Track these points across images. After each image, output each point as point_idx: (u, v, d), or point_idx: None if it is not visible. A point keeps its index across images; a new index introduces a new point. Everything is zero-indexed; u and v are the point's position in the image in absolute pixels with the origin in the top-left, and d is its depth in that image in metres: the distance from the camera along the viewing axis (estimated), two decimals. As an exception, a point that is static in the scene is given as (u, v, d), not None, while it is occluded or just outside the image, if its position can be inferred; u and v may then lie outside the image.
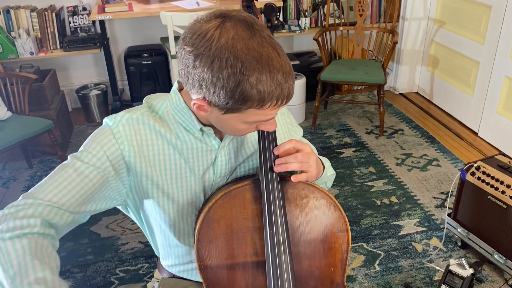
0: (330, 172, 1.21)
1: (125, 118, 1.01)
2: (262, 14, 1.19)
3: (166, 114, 1.04)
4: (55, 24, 3.54)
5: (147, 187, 1.06)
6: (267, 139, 1.01)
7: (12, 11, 3.46)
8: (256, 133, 1.11)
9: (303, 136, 1.30)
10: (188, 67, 0.87)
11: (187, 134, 1.04)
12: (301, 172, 1.02)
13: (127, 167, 1.02)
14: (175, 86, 1.05)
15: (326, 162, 1.22)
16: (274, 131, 1.03)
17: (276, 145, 1.01)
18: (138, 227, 2.55)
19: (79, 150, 1.00)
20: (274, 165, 0.99)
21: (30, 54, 3.46)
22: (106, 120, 1.04)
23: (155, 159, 1.03)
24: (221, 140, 1.07)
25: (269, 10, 1.17)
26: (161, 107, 1.05)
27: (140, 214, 1.16)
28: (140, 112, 1.03)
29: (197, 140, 1.05)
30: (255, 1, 1.18)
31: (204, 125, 1.04)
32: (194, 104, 0.92)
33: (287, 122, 1.20)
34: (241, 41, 0.83)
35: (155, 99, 1.07)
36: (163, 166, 1.04)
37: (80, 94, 3.74)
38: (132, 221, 2.61)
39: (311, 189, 1.02)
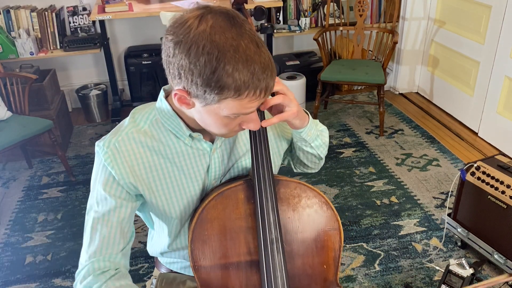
0: (320, 127, 1.20)
1: (112, 144, 1.02)
2: (252, 17, 1.19)
3: (155, 123, 1.04)
4: (55, 24, 3.54)
5: (146, 204, 1.11)
6: (259, 140, 1.01)
7: (12, 11, 3.46)
8: (247, 132, 1.10)
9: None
10: (169, 56, 0.88)
11: (177, 141, 1.04)
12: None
13: (127, 190, 1.04)
14: (161, 94, 1.04)
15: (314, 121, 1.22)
16: (266, 134, 1.02)
17: (268, 146, 1.01)
18: (138, 227, 2.55)
19: (90, 194, 1.06)
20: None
21: (30, 54, 3.46)
22: (96, 147, 1.04)
23: (149, 176, 1.04)
24: (212, 143, 1.07)
25: (259, 12, 1.18)
26: (148, 116, 1.05)
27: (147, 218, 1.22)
28: (125, 132, 1.03)
29: (188, 146, 1.05)
30: (245, 4, 1.19)
31: (194, 130, 1.03)
32: (175, 95, 0.92)
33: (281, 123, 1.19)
34: (219, 30, 0.84)
35: (140, 112, 1.07)
36: (158, 182, 1.05)
37: (80, 94, 3.74)
38: (132, 221, 2.61)
39: (303, 188, 1.03)
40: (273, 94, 1.00)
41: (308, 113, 1.13)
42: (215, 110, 0.90)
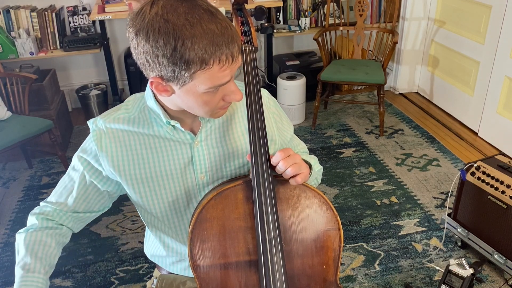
0: (317, 168, 1.22)
1: (99, 123, 1.07)
2: (253, 17, 1.19)
3: (143, 110, 1.07)
4: (55, 24, 3.54)
5: (131, 194, 1.13)
6: (258, 140, 1.01)
7: (12, 11, 3.46)
8: (239, 127, 1.12)
9: (304, 135, 1.30)
10: (135, 49, 0.90)
11: (159, 130, 1.06)
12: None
13: (101, 169, 1.08)
14: (149, 84, 1.07)
15: (312, 159, 1.22)
16: (265, 133, 1.02)
17: (267, 145, 1.02)
18: (138, 227, 2.55)
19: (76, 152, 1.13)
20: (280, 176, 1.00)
21: (30, 54, 3.46)
22: (88, 123, 1.10)
23: (130, 163, 1.07)
24: (194, 134, 1.08)
25: (260, 12, 1.18)
26: (139, 104, 1.09)
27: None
28: (113, 117, 1.07)
29: (170, 135, 1.07)
30: (245, 4, 1.19)
31: (172, 119, 1.05)
32: (152, 84, 0.94)
33: (277, 121, 1.19)
34: (170, 8, 0.85)
35: (134, 98, 1.11)
36: (138, 169, 1.07)
37: (80, 94, 3.75)
38: (132, 221, 2.61)
39: (302, 188, 1.02)
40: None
41: (309, 159, 1.15)
42: (192, 89, 0.91)
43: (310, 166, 1.09)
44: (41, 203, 1.13)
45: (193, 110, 0.98)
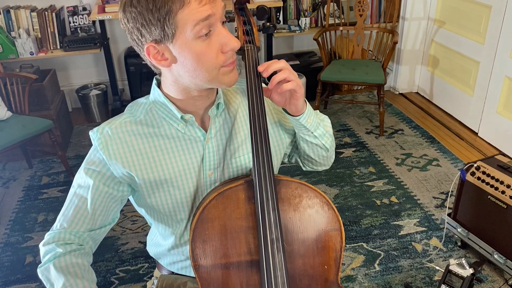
0: (321, 116, 1.19)
1: (104, 130, 1.06)
2: (255, 16, 1.19)
3: (149, 112, 1.07)
4: (55, 24, 3.54)
5: (139, 195, 1.12)
6: (260, 139, 1.01)
7: (12, 11, 3.46)
8: (245, 122, 1.12)
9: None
10: (127, 27, 0.93)
11: (170, 127, 1.06)
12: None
13: (115, 176, 1.07)
14: (154, 82, 1.08)
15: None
16: (267, 132, 1.02)
17: (269, 145, 1.02)
18: (138, 227, 2.55)
19: (79, 169, 1.10)
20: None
21: (30, 54, 3.46)
22: (90, 132, 1.08)
23: (140, 164, 1.05)
24: (205, 131, 1.08)
25: (262, 12, 1.18)
26: (144, 106, 1.08)
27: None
28: (119, 121, 1.07)
29: (182, 133, 1.06)
30: (247, 4, 1.19)
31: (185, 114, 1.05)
32: (148, 53, 0.94)
33: (278, 112, 1.18)
34: None
35: (136, 103, 1.11)
36: (149, 169, 1.06)
37: (80, 94, 3.74)
38: (132, 221, 2.61)
39: (304, 189, 1.02)
40: (274, 73, 1.01)
41: (306, 101, 1.13)
42: (183, 40, 0.91)
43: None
44: (50, 233, 1.08)
45: (196, 74, 0.96)
